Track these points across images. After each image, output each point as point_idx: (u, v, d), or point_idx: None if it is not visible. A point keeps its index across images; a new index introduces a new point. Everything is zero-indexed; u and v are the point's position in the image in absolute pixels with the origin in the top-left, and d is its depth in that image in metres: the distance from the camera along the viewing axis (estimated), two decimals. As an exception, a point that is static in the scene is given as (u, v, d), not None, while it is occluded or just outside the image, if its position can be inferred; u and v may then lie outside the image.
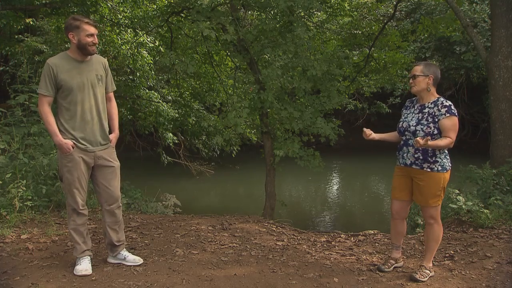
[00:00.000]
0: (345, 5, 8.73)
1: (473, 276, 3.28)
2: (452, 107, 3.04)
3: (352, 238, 4.60)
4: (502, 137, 5.53)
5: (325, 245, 4.26)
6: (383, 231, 4.88)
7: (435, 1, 10.67)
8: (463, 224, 4.51)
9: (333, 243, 4.35)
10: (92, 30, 3.06)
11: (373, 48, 8.56)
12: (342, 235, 4.77)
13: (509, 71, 5.48)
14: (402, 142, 3.25)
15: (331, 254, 3.87)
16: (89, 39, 3.04)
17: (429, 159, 3.08)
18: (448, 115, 3.01)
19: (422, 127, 3.08)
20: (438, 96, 3.15)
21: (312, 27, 7.66)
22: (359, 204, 10.28)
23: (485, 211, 4.39)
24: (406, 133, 3.18)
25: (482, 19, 11.85)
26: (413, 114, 3.19)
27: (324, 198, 10.81)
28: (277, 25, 6.04)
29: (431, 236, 3.21)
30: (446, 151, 3.13)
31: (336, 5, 8.32)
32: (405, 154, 3.20)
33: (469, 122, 16.56)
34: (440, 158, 3.09)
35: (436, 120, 3.04)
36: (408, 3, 13.83)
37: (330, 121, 6.12)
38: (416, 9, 13.58)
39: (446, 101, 3.07)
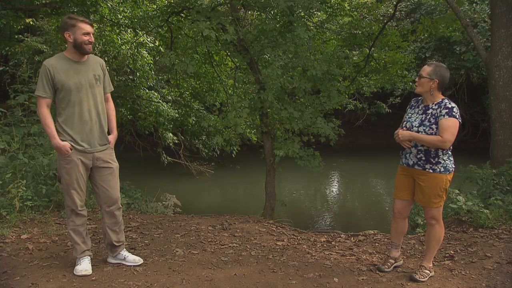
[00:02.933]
0: (345, 5, 8.72)
1: (473, 276, 3.28)
2: (455, 109, 3.00)
3: (352, 238, 4.60)
4: (502, 137, 5.52)
5: (325, 245, 4.26)
6: (383, 231, 4.88)
7: (435, 1, 10.66)
8: (463, 224, 4.51)
9: (333, 243, 4.35)
10: (87, 28, 3.04)
11: (373, 48, 8.55)
12: (342, 235, 4.77)
13: (509, 71, 5.48)
14: None
15: (331, 254, 3.87)
16: (85, 38, 3.02)
17: (432, 160, 3.05)
18: (447, 116, 2.97)
19: (424, 128, 3.05)
20: (443, 97, 3.11)
21: (312, 27, 7.66)
22: (359, 204, 10.29)
23: (485, 211, 4.38)
24: None
25: (482, 19, 11.85)
26: (417, 115, 3.16)
27: (324, 198, 10.81)
28: (277, 25, 6.04)
29: (432, 237, 3.20)
30: (449, 152, 3.10)
31: (336, 5, 8.31)
32: (408, 154, 3.18)
33: (469, 122, 16.56)
34: (443, 160, 3.05)
35: (437, 121, 3.01)
36: (408, 3, 13.84)
37: (330, 121, 6.12)
38: (416, 9, 13.59)
39: (449, 103, 3.03)
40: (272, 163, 6.03)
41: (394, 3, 10.59)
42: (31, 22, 9.54)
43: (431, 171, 3.06)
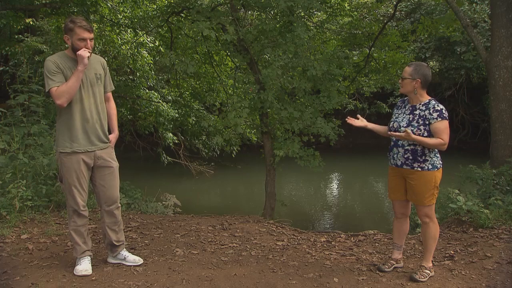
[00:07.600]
0: (345, 5, 8.74)
1: (473, 276, 3.28)
2: (444, 111, 3.07)
3: (352, 238, 4.60)
4: (502, 137, 5.53)
5: (325, 245, 4.26)
6: (383, 231, 4.88)
7: (435, 1, 10.68)
8: (463, 224, 4.51)
9: (333, 243, 4.34)
10: (84, 34, 2.94)
11: (373, 48, 8.56)
12: (342, 235, 4.77)
13: (509, 71, 5.48)
14: (392, 143, 3.28)
15: (331, 254, 3.87)
16: (81, 44, 2.95)
17: (419, 158, 3.11)
18: (440, 119, 3.04)
19: (412, 128, 3.10)
20: (430, 98, 3.17)
21: (312, 27, 7.67)
22: (359, 204, 10.28)
23: (485, 211, 4.38)
24: None
25: (482, 19, 11.86)
26: (404, 115, 3.21)
27: (324, 198, 10.80)
28: (277, 25, 6.04)
29: (428, 235, 3.22)
30: (435, 149, 3.15)
31: (336, 5, 8.33)
32: (395, 155, 3.23)
33: (469, 122, 16.55)
34: (430, 157, 3.11)
35: (427, 123, 3.07)
36: (408, 3, 13.84)
37: (330, 121, 6.12)
38: (416, 9, 13.58)
39: (438, 105, 3.09)
40: (272, 163, 6.03)
41: (394, 3, 10.59)
42: (31, 22, 9.54)
43: (419, 169, 3.12)
